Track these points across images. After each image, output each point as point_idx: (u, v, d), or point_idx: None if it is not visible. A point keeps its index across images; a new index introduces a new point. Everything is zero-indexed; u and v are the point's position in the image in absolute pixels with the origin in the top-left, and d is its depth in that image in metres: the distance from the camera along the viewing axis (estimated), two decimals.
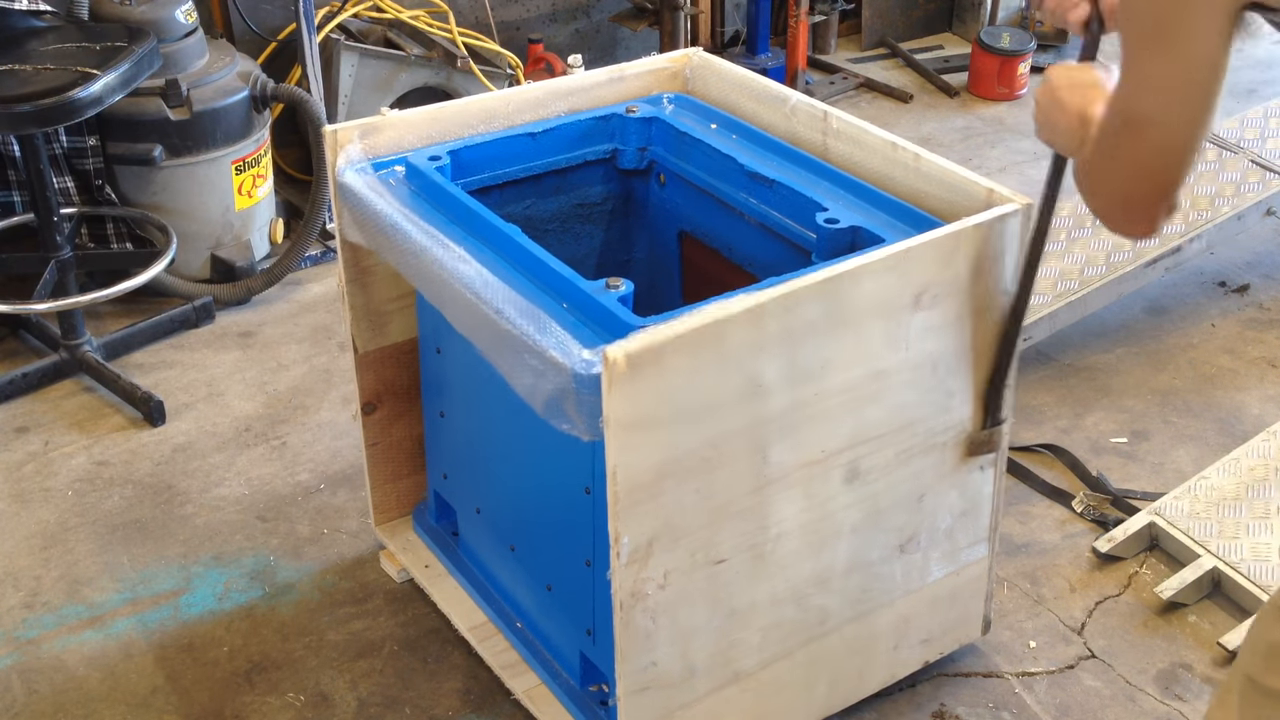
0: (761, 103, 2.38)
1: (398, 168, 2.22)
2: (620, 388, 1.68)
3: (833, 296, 1.84)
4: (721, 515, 1.89)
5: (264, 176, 3.64)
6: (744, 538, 1.93)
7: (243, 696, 2.36)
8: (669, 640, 1.93)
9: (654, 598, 1.87)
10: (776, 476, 1.92)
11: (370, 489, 2.59)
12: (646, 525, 1.81)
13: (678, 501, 1.82)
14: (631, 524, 1.79)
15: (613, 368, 1.66)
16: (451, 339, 2.29)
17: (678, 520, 1.84)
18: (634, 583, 1.83)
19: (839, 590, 2.11)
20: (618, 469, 1.74)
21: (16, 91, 2.86)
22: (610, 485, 1.75)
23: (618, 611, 1.84)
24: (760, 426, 1.86)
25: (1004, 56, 4.79)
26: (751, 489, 1.90)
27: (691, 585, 1.90)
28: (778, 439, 1.89)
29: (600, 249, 2.50)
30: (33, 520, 2.79)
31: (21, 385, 3.18)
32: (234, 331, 3.46)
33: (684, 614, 1.92)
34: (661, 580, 1.86)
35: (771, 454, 1.89)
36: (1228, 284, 3.61)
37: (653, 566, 1.84)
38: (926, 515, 2.15)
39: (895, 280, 1.89)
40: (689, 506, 1.84)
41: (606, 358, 1.65)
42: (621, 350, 1.66)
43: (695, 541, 1.88)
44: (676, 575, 1.88)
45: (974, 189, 2.03)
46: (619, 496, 1.76)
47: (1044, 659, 2.44)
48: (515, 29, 4.52)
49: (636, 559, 1.82)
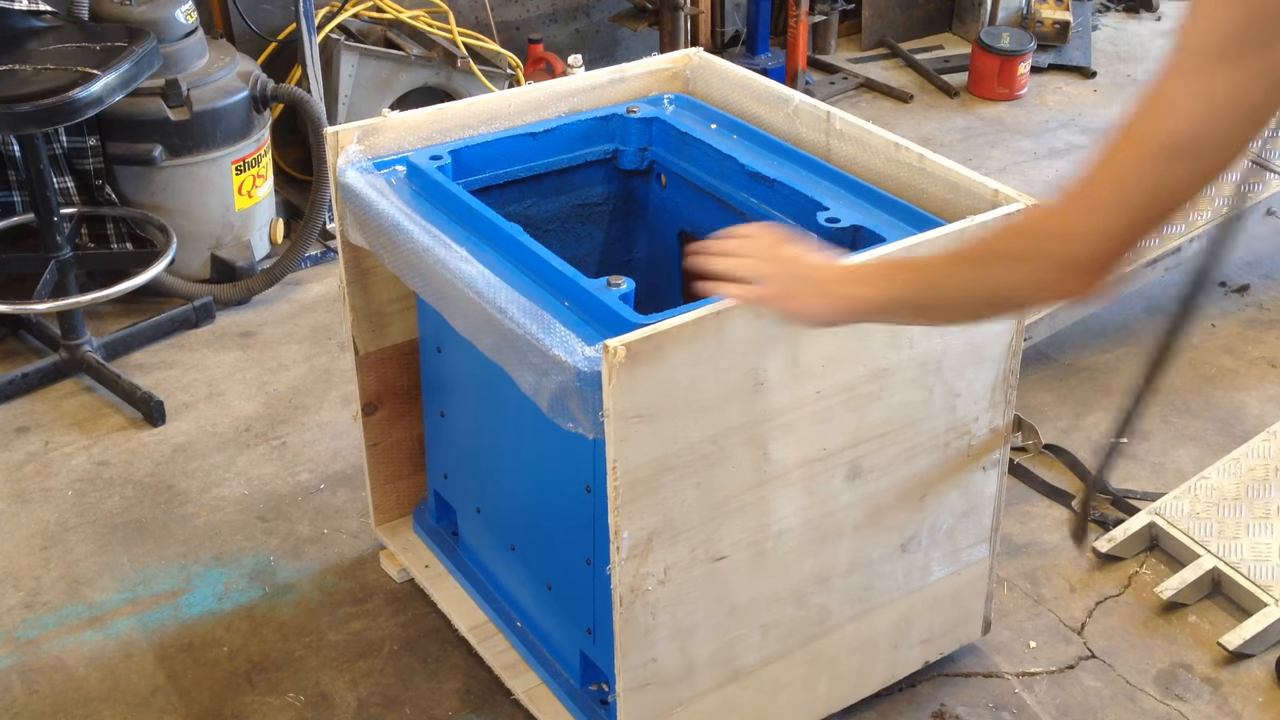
0: (763, 103, 2.38)
1: (399, 168, 2.22)
2: (620, 379, 1.68)
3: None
4: (722, 511, 1.89)
5: (264, 176, 3.64)
6: (744, 534, 1.93)
7: (243, 696, 2.36)
8: (669, 637, 1.93)
9: (654, 593, 1.87)
10: (777, 474, 1.92)
11: (370, 489, 2.59)
12: (647, 520, 1.81)
13: (678, 497, 1.82)
14: (631, 518, 1.79)
15: (613, 358, 1.66)
16: (452, 339, 2.29)
17: (678, 516, 1.84)
18: (634, 578, 1.84)
19: (840, 589, 2.11)
20: (618, 462, 1.74)
21: (16, 91, 2.86)
22: (610, 479, 1.75)
23: (617, 607, 1.85)
24: (761, 423, 1.86)
25: (1004, 56, 4.79)
26: (752, 485, 1.90)
27: (691, 581, 1.91)
28: (779, 436, 1.89)
29: (601, 249, 2.50)
30: (33, 520, 2.79)
31: (21, 385, 3.18)
32: (234, 331, 3.46)
33: (684, 610, 1.92)
34: (661, 576, 1.86)
35: (772, 451, 1.89)
36: (1228, 284, 3.61)
37: (653, 562, 1.84)
38: (928, 515, 2.15)
39: None
40: (689, 502, 1.84)
41: (607, 349, 1.66)
42: (622, 341, 1.67)
43: (695, 537, 1.88)
44: (676, 571, 1.88)
45: (979, 190, 2.03)
46: (619, 490, 1.76)
47: (1044, 659, 2.44)
48: (515, 29, 4.52)
49: (636, 554, 1.82)
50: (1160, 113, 1.19)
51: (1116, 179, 1.23)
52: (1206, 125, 1.17)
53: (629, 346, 1.67)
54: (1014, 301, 1.46)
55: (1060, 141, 4.54)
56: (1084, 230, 1.26)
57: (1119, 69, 5.16)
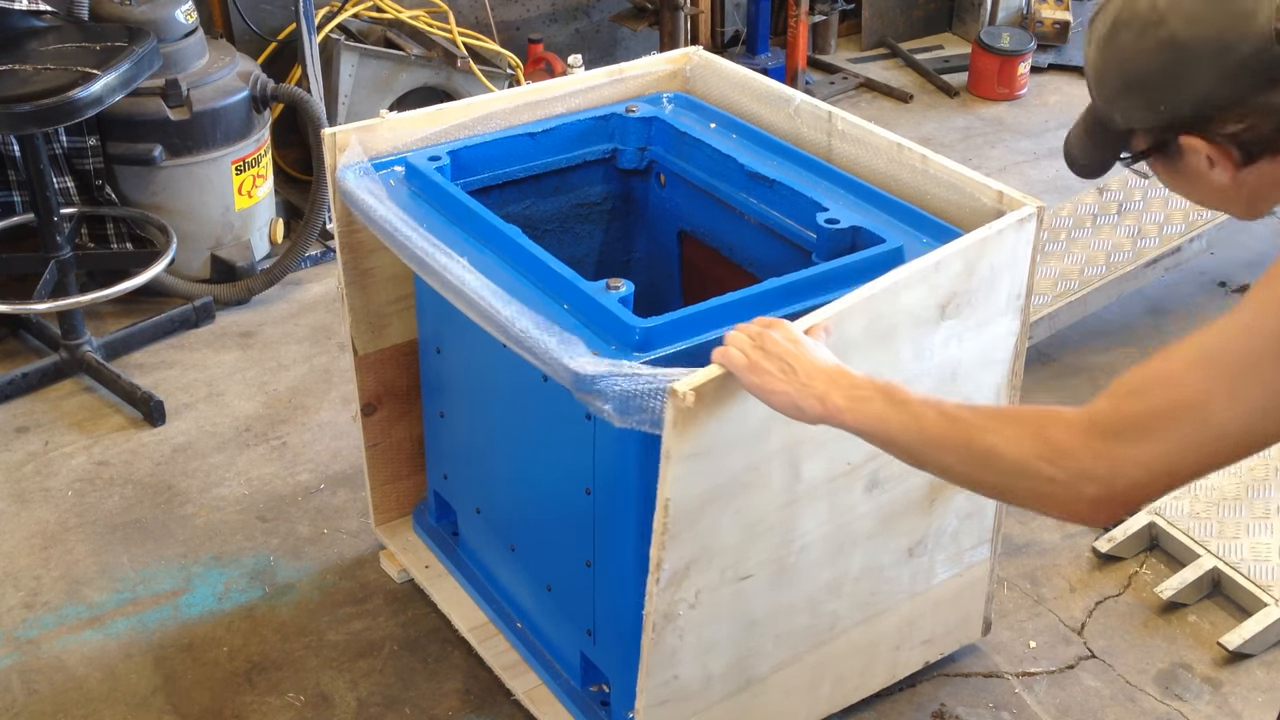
0: (764, 103, 2.37)
1: (397, 168, 2.21)
2: (684, 422, 1.64)
3: (873, 313, 1.82)
4: (753, 533, 1.88)
5: (264, 176, 3.63)
6: (770, 552, 1.93)
7: (243, 696, 2.36)
8: (693, 655, 1.92)
9: (684, 617, 1.86)
10: (805, 491, 1.91)
11: (370, 489, 2.59)
12: (687, 551, 1.80)
13: (716, 524, 1.81)
14: (673, 551, 1.77)
15: (681, 403, 1.61)
16: (452, 339, 2.29)
17: (714, 542, 1.83)
18: (668, 605, 1.82)
19: (850, 595, 2.10)
20: (670, 500, 1.71)
21: (16, 91, 2.86)
22: (659, 516, 1.73)
23: (649, 632, 1.83)
24: (796, 445, 1.85)
25: (1004, 56, 4.79)
26: (782, 505, 1.89)
27: (719, 601, 1.90)
28: (811, 454, 1.88)
29: (600, 249, 2.50)
30: (33, 520, 2.79)
31: (21, 385, 3.18)
32: (234, 331, 3.46)
33: (709, 630, 1.92)
34: (693, 600, 1.85)
35: (804, 470, 1.88)
36: (1228, 284, 3.61)
37: (686, 588, 1.83)
38: (935, 519, 2.15)
39: (926, 292, 1.88)
40: (725, 528, 1.83)
41: (674, 393, 1.61)
42: (690, 385, 1.61)
43: (727, 560, 1.87)
44: (706, 593, 1.87)
45: (982, 191, 2.02)
46: (667, 526, 1.73)
47: (1044, 659, 2.44)
48: (515, 29, 4.52)
49: (674, 583, 1.81)
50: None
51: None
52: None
53: (698, 390, 1.62)
54: (1002, 499, 1.38)
55: (1060, 141, 4.52)
56: (1126, 480, 1.22)
57: None
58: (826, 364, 1.53)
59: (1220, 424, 1.18)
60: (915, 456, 1.41)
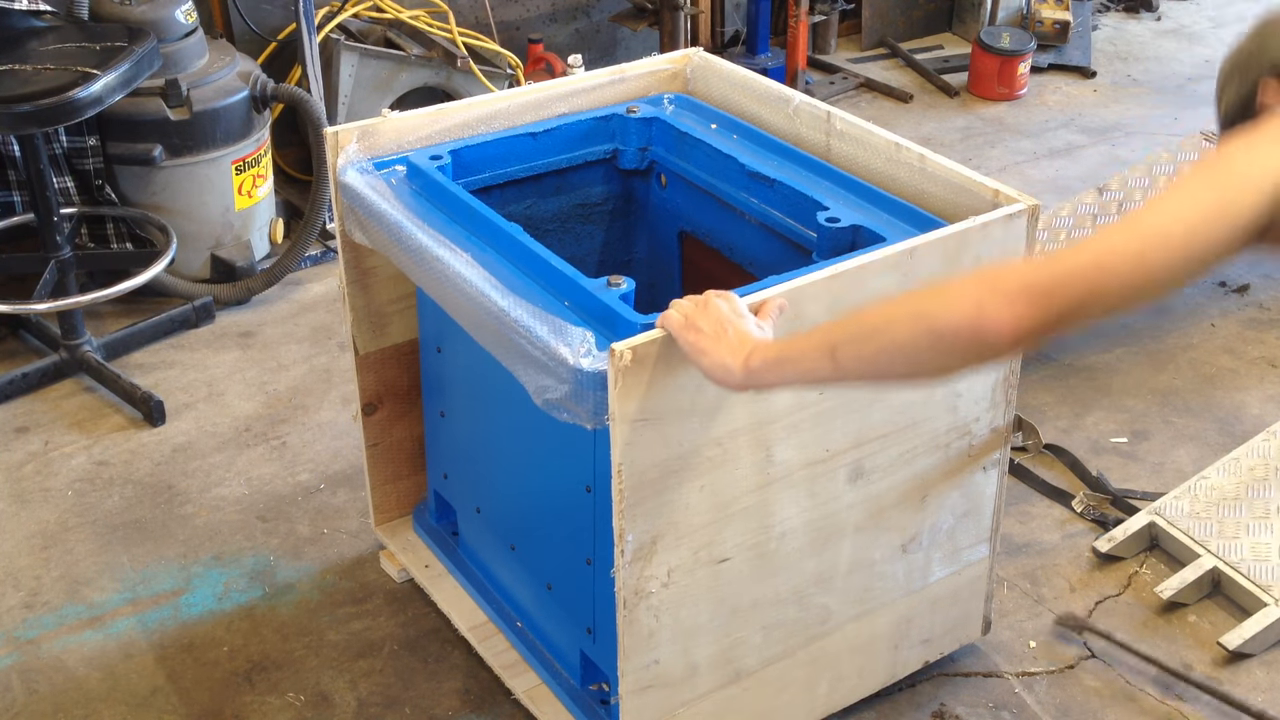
0: (763, 103, 2.38)
1: (399, 167, 2.22)
2: (626, 382, 1.68)
3: (836, 295, 1.83)
4: (726, 514, 1.89)
5: (264, 176, 3.64)
6: (747, 536, 1.93)
7: (243, 696, 2.36)
8: (672, 639, 1.93)
9: (657, 595, 1.87)
10: (780, 475, 1.92)
11: (370, 489, 2.59)
12: (651, 523, 1.81)
13: (682, 499, 1.82)
14: (636, 521, 1.79)
15: (619, 361, 1.66)
16: (452, 339, 2.29)
17: (682, 518, 1.84)
18: (638, 580, 1.84)
19: (841, 589, 2.11)
20: (623, 465, 1.74)
21: (16, 91, 2.86)
22: (615, 482, 1.75)
23: (621, 609, 1.84)
24: (766, 425, 1.86)
25: (1004, 56, 4.79)
26: (756, 487, 1.90)
27: (695, 583, 1.91)
28: (783, 437, 1.89)
29: (601, 249, 2.50)
30: (33, 520, 2.79)
31: (21, 385, 3.18)
32: (234, 331, 3.46)
33: (687, 612, 1.92)
34: (665, 578, 1.86)
35: (776, 453, 1.89)
36: (1228, 284, 3.61)
37: (656, 564, 1.84)
38: (929, 515, 2.15)
39: (899, 280, 1.89)
40: (693, 504, 1.84)
41: (613, 351, 1.66)
42: (627, 344, 1.66)
43: (699, 540, 1.88)
44: (680, 573, 1.88)
45: (980, 190, 2.03)
46: (624, 494, 1.76)
47: (1044, 659, 2.44)
48: (515, 29, 4.52)
49: (640, 556, 1.82)
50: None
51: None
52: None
53: (635, 349, 1.67)
54: (936, 334, 1.38)
55: (1060, 141, 4.54)
56: (1048, 271, 1.32)
57: (1119, 69, 5.16)
58: (762, 337, 1.62)
59: (1153, 223, 1.32)
60: (860, 357, 1.45)
